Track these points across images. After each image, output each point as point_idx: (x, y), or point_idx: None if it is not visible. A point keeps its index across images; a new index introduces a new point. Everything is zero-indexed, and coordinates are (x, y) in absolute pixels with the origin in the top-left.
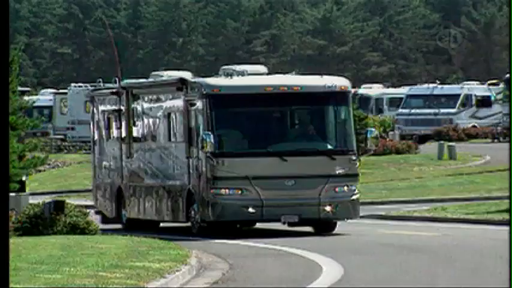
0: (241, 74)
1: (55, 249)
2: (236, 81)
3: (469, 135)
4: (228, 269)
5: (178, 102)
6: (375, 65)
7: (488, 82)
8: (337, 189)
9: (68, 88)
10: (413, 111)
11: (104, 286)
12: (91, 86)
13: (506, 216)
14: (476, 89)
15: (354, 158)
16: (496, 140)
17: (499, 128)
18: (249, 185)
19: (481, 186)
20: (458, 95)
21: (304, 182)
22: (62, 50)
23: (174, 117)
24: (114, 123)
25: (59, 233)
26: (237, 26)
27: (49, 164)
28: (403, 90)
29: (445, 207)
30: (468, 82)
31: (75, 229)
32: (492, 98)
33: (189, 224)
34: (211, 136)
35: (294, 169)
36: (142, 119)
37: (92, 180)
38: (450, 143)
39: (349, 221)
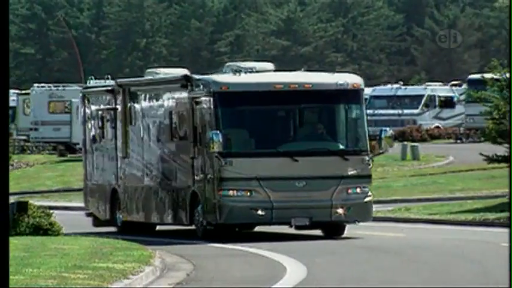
0: (250, 71)
1: (18, 251)
2: (245, 78)
3: (433, 136)
4: (192, 269)
5: (182, 100)
6: (338, 65)
7: (451, 83)
8: (349, 191)
9: (31, 89)
10: (377, 111)
11: (66, 287)
12: (54, 86)
13: (469, 216)
14: (440, 89)
15: (367, 158)
16: (459, 141)
17: (461, 128)
18: (258, 187)
19: (444, 186)
20: (422, 96)
21: (315, 183)
22: (25, 50)
23: (176, 115)
24: (108, 123)
25: (22, 234)
26: (201, 27)
27: (12, 165)
28: (366, 91)
29: (408, 207)
30: (431, 83)
31: (38, 230)
32: (455, 99)
33: (192, 227)
34: (219, 135)
35: (305, 170)
36: (141, 118)
37: (83, 181)
38: (413, 144)
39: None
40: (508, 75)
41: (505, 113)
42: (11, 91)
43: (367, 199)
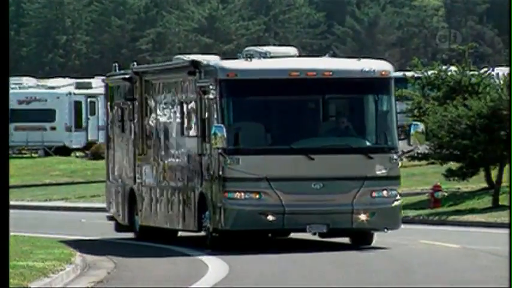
0: (264, 55)
1: None
2: (256, 64)
3: None
4: (113, 267)
5: (190, 90)
6: None
7: None
8: (374, 194)
9: None
10: None
11: None
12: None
13: None
14: None
15: (395, 157)
16: None
17: None
18: (268, 188)
19: None
20: None
21: (334, 185)
22: None
23: (186, 107)
24: (127, 115)
25: None
26: (122, 24)
27: None
28: None
29: None
30: None
31: None
32: None
33: (202, 233)
34: (223, 129)
35: (323, 169)
36: (155, 110)
37: (106, 180)
38: None
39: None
40: (429, 73)
41: (425, 110)
42: None
43: (395, 203)
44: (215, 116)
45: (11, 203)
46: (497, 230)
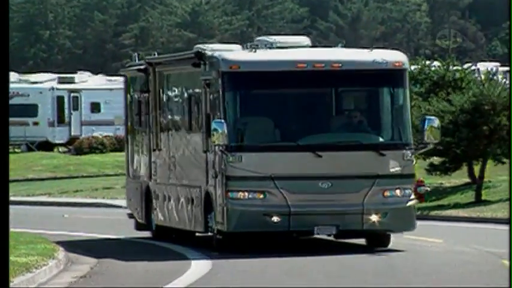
0: (270, 46)
1: None
2: (260, 55)
3: None
4: (96, 263)
5: (196, 82)
6: None
7: None
8: (386, 193)
9: None
10: None
11: None
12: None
13: None
14: None
15: (409, 153)
16: None
17: None
18: (273, 187)
19: None
20: None
21: (343, 183)
22: None
23: (193, 101)
24: (143, 108)
25: None
26: (105, 19)
27: None
28: None
29: None
30: None
31: None
32: None
33: (210, 234)
34: (224, 125)
35: (331, 167)
36: (167, 103)
37: (126, 176)
38: None
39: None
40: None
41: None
42: None
43: (409, 203)
44: (218, 111)
45: None
46: (480, 224)
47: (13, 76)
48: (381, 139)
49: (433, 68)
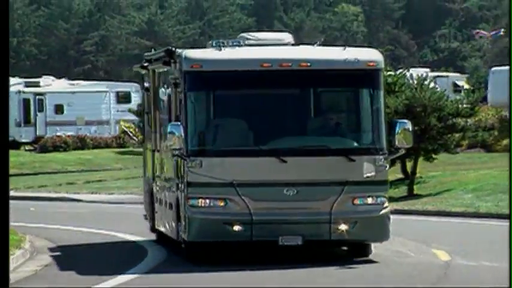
0: (238, 44)
1: None
2: (225, 54)
3: None
4: (59, 253)
5: (166, 81)
6: None
7: None
8: (356, 201)
9: None
10: None
11: None
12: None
13: None
14: None
15: (382, 159)
16: None
17: None
18: (234, 195)
19: None
20: None
21: (310, 191)
22: None
23: (167, 101)
24: (146, 107)
25: None
26: (68, 28)
27: None
28: None
29: None
30: None
31: None
32: None
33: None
34: (181, 128)
35: (297, 174)
36: (160, 103)
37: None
38: None
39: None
40: None
41: None
42: None
43: (382, 211)
44: (181, 112)
45: None
46: (412, 216)
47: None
48: (351, 143)
49: None
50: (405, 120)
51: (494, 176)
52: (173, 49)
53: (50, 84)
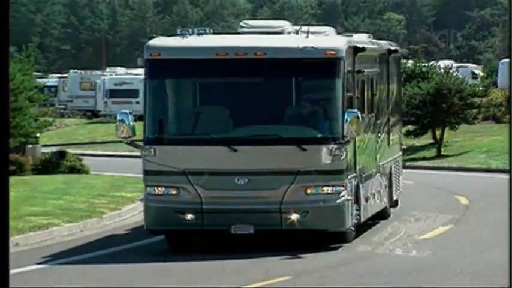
0: (204, 32)
1: (59, 184)
2: (186, 42)
3: None
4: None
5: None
6: None
7: None
8: (309, 191)
9: (68, 73)
10: None
11: (92, 208)
12: (84, 71)
13: None
14: None
15: (335, 148)
16: None
17: None
18: (186, 183)
19: None
20: None
21: (261, 180)
22: (64, 47)
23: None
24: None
25: (62, 173)
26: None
27: (56, 125)
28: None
29: None
30: None
31: (73, 170)
32: None
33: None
34: (129, 116)
35: (248, 163)
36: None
37: None
38: None
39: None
40: None
41: None
42: (54, 75)
43: (338, 201)
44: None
45: None
46: (439, 171)
47: None
48: (303, 133)
49: (408, 65)
50: (354, 110)
51: (502, 141)
52: (154, 38)
53: None
